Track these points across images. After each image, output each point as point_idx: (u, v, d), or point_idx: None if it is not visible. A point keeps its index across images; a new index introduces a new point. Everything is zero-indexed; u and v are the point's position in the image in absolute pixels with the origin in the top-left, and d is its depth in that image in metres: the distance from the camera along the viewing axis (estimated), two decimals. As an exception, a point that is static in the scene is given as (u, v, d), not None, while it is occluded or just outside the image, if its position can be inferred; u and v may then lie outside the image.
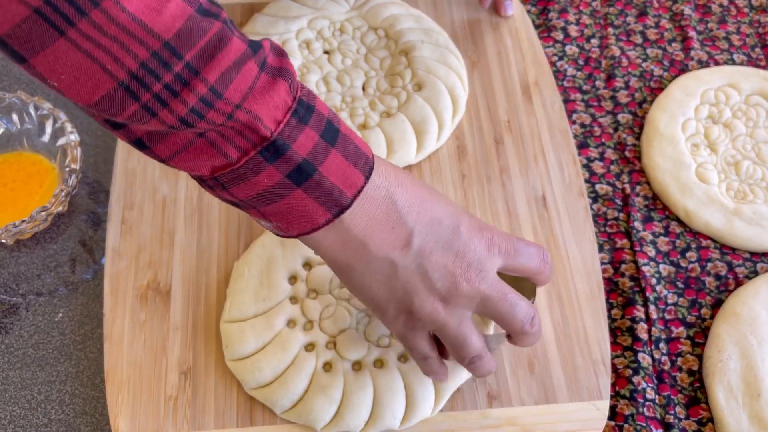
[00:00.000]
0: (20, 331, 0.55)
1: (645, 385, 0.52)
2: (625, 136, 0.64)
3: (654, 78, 0.68)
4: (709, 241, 0.59)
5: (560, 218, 0.58)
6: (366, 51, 0.65)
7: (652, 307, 0.55)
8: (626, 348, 0.54)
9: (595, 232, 0.59)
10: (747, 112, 0.65)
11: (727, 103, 0.65)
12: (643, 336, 0.54)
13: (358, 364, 0.50)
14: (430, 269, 0.41)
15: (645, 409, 0.51)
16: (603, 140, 0.64)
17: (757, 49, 0.70)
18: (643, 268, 0.57)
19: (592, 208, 0.60)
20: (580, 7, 0.72)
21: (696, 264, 0.58)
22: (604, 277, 0.57)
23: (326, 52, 0.65)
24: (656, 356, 0.54)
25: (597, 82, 0.67)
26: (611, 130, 0.65)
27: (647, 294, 0.56)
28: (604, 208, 0.61)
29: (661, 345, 0.54)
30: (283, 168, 0.37)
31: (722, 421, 0.51)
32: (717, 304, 0.56)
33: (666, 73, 0.68)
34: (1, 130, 0.60)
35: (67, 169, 0.57)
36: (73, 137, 0.58)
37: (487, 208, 0.58)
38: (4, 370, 0.53)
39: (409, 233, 0.41)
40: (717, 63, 0.69)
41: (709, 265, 0.58)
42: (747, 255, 0.58)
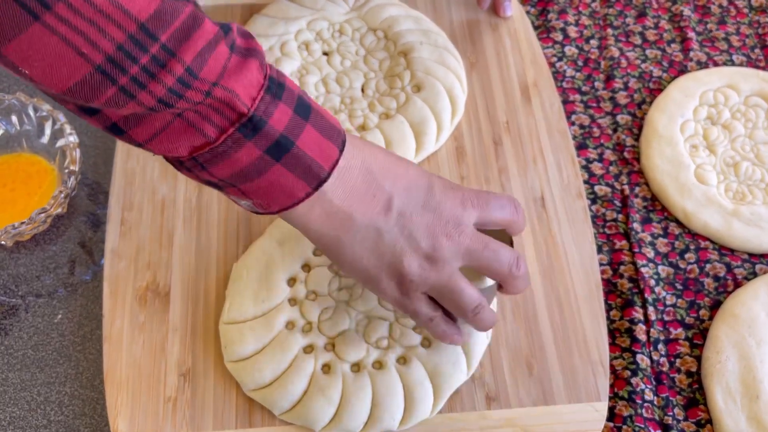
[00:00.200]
0: (20, 332, 0.55)
1: (643, 387, 0.52)
2: (624, 137, 0.64)
3: (653, 79, 0.68)
4: (707, 243, 0.59)
5: (559, 219, 0.58)
6: (365, 52, 0.65)
7: (650, 309, 0.55)
8: (625, 349, 0.54)
9: (594, 233, 0.59)
10: (746, 113, 0.65)
11: (726, 104, 0.65)
12: (642, 337, 0.54)
13: (356, 366, 0.50)
14: (413, 230, 0.42)
15: (643, 410, 0.51)
16: (602, 141, 0.64)
17: (756, 50, 0.70)
18: (642, 270, 0.57)
19: (591, 209, 0.60)
20: (580, 8, 0.72)
21: (695, 265, 0.58)
22: (602, 278, 0.57)
23: (325, 53, 0.65)
24: (655, 357, 0.54)
25: (596, 83, 0.68)
26: (610, 131, 0.65)
27: (646, 295, 0.56)
28: (603, 209, 0.61)
29: (660, 346, 0.54)
30: (262, 143, 0.38)
31: (721, 423, 0.51)
32: (716, 306, 0.56)
33: (665, 74, 0.68)
34: (1, 132, 0.60)
35: (66, 171, 0.57)
36: (72, 138, 0.58)
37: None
38: (4, 372, 0.53)
39: (389, 198, 0.42)
40: (716, 64, 0.69)
41: (707, 266, 0.58)
42: (746, 256, 0.59)
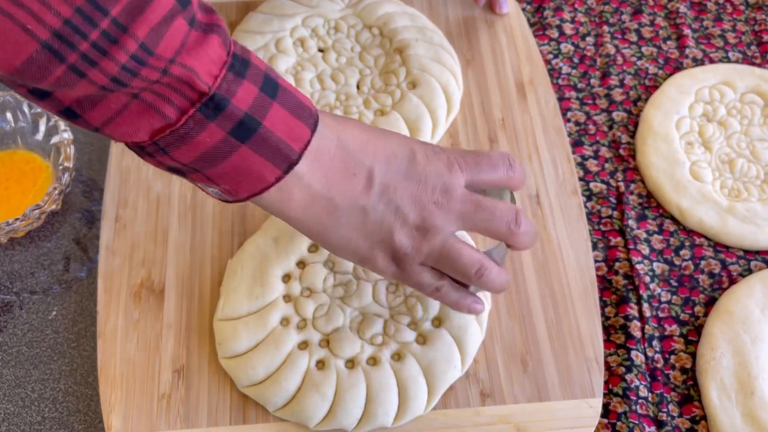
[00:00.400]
0: (14, 329, 0.55)
1: (638, 383, 0.52)
2: (619, 134, 0.64)
3: (649, 76, 0.68)
4: (702, 239, 0.59)
5: (554, 216, 0.58)
6: (360, 49, 0.65)
7: (645, 305, 0.55)
8: (619, 346, 0.54)
9: (589, 230, 0.59)
10: (742, 110, 0.65)
11: (721, 101, 0.65)
12: (637, 334, 0.54)
13: (351, 362, 0.50)
14: (399, 203, 0.41)
15: (638, 406, 0.51)
16: (597, 138, 0.64)
17: (752, 47, 0.70)
18: (637, 266, 0.57)
19: (586, 206, 0.60)
20: (575, 5, 0.72)
21: (690, 262, 0.58)
22: (597, 275, 0.57)
23: (321, 50, 0.65)
24: (649, 354, 0.54)
25: (592, 80, 0.67)
26: (606, 128, 0.65)
27: (641, 292, 0.56)
28: (598, 206, 0.61)
29: (655, 343, 0.54)
30: (225, 124, 0.36)
31: (715, 419, 0.51)
32: (710, 302, 0.56)
33: (661, 71, 0.68)
34: (-5, 129, 0.60)
35: (60, 168, 0.57)
36: (66, 135, 0.58)
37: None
38: (-2, 368, 0.53)
39: (369, 174, 0.41)
40: (712, 61, 0.69)
41: (702, 263, 0.58)
42: (741, 253, 0.58)
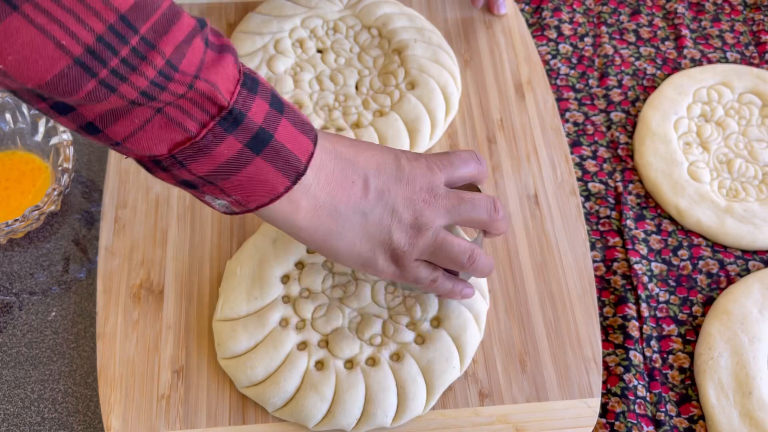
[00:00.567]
0: (13, 330, 0.55)
1: (636, 383, 0.52)
2: (617, 134, 0.64)
3: (647, 76, 0.68)
4: (700, 239, 0.59)
5: (552, 216, 0.58)
6: (359, 50, 0.65)
7: (643, 305, 0.55)
8: (618, 346, 0.54)
9: (588, 231, 0.59)
10: (740, 111, 0.65)
11: (719, 102, 0.65)
12: (635, 334, 0.54)
13: (350, 363, 0.51)
14: (394, 204, 0.44)
15: (636, 406, 0.51)
16: (596, 138, 0.64)
17: (750, 48, 0.70)
18: (635, 266, 0.57)
19: (584, 207, 0.61)
20: (574, 6, 0.72)
21: (688, 262, 0.58)
22: (596, 275, 0.57)
23: (319, 50, 0.65)
24: (647, 354, 0.54)
25: (590, 81, 0.68)
26: (604, 129, 0.65)
27: (639, 292, 0.56)
28: (597, 207, 0.61)
29: (653, 343, 0.54)
30: (242, 137, 0.38)
31: (713, 419, 0.51)
32: (708, 302, 0.56)
33: (659, 72, 0.68)
34: (-5, 130, 0.60)
35: (60, 168, 0.57)
36: (65, 136, 0.58)
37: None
38: (-2, 369, 0.53)
39: (365, 180, 0.43)
40: (710, 61, 0.69)
41: (700, 263, 0.58)
42: (738, 253, 0.59)
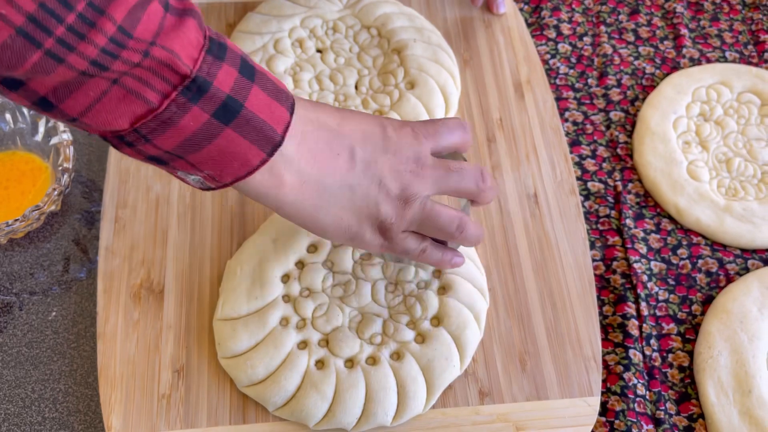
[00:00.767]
0: (14, 329, 0.55)
1: (636, 382, 0.52)
2: (617, 133, 0.64)
3: (646, 76, 0.68)
4: (700, 238, 0.59)
5: (552, 216, 0.58)
6: (359, 49, 0.66)
7: (643, 304, 0.55)
8: (617, 344, 0.54)
9: (587, 230, 0.59)
10: (738, 110, 0.65)
11: (718, 101, 0.65)
12: (634, 332, 0.54)
13: (350, 362, 0.51)
14: (380, 176, 0.43)
15: (636, 405, 0.51)
16: (595, 138, 0.64)
17: (749, 47, 0.70)
18: (635, 265, 0.57)
19: (584, 206, 0.61)
20: (573, 5, 0.72)
21: (687, 261, 0.58)
22: (595, 274, 0.57)
23: (319, 50, 0.65)
24: (647, 353, 0.54)
25: (589, 80, 0.68)
26: (603, 128, 0.65)
27: (638, 291, 0.56)
28: (596, 206, 0.61)
29: (652, 341, 0.54)
30: (208, 107, 0.36)
31: (713, 418, 0.51)
32: (708, 301, 0.56)
33: (658, 71, 0.68)
34: (-5, 130, 0.60)
35: (60, 168, 0.57)
36: (66, 136, 0.58)
37: (479, 206, 0.59)
38: (-2, 369, 0.53)
39: (351, 151, 0.42)
40: (709, 61, 0.69)
41: (700, 261, 0.58)
42: (738, 252, 0.59)
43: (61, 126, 0.59)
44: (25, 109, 0.60)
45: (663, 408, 0.52)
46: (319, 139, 0.41)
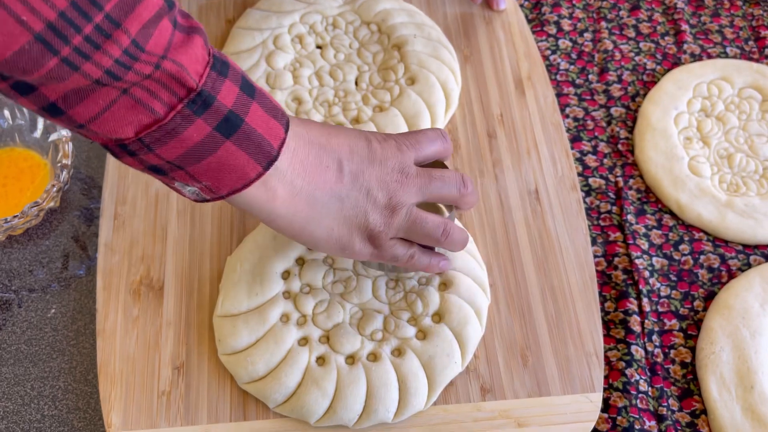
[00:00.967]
0: (13, 327, 0.55)
1: (638, 378, 0.52)
2: (618, 129, 0.64)
3: (647, 71, 0.68)
4: (701, 234, 0.59)
5: (553, 212, 0.58)
6: (359, 45, 0.65)
7: (645, 300, 0.55)
8: (619, 340, 0.54)
9: (588, 226, 0.59)
10: (740, 105, 0.65)
11: (719, 97, 0.65)
12: (636, 328, 0.54)
13: (351, 358, 0.50)
14: (368, 187, 0.44)
15: (638, 401, 0.51)
16: (596, 134, 0.64)
17: (750, 42, 0.70)
18: (636, 261, 0.57)
19: (585, 202, 0.60)
20: (573, 1, 0.72)
21: (689, 257, 0.58)
22: (597, 270, 0.57)
23: (319, 46, 0.65)
24: (649, 349, 0.54)
25: (590, 76, 0.68)
26: (604, 124, 0.65)
27: (640, 287, 0.56)
28: (597, 202, 0.61)
29: (654, 337, 0.54)
30: (211, 120, 0.37)
31: (715, 413, 0.51)
32: (710, 297, 0.56)
33: (659, 67, 0.68)
34: (-7, 126, 0.60)
35: (59, 165, 0.57)
36: (64, 132, 0.58)
37: (480, 202, 0.58)
38: (-3, 366, 0.53)
39: (339, 164, 0.44)
40: (710, 56, 0.69)
41: (701, 257, 0.58)
42: (740, 247, 0.59)
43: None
44: (23, 106, 0.60)
45: (665, 404, 0.52)
46: (309, 154, 0.43)
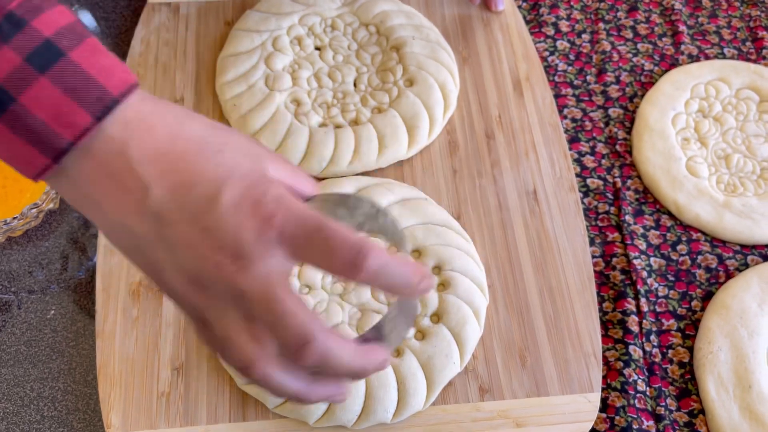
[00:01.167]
0: (12, 328, 0.55)
1: (636, 377, 0.52)
2: (616, 130, 0.64)
3: (644, 72, 0.68)
4: (699, 234, 0.59)
5: (551, 212, 0.58)
6: (357, 47, 0.66)
7: (643, 300, 0.55)
8: (617, 340, 0.54)
9: (587, 226, 0.59)
10: (737, 106, 0.65)
11: (717, 97, 0.65)
12: (634, 328, 0.54)
13: (350, 359, 0.50)
14: (174, 242, 0.32)
15: (636, 401, 0.51)
16: (594, 134, 0.64)
17: (747, 43, 0.70)
18: (634, 261, 0.57)
19: (583, 202, 0.61)
20: (571, 3, 0.72)
21: (686, 257, 0.58)
22: (595, 271, 0.57)
23: (317, 48, 0.65)
24: (647, 348, 0.54)
25: (588, 77, 0.68)
26: (602, 125, 0.65)
27: (638, 287, 0.56)
28: (596, 202, 0.61)
29: (652, 337, 0.54)
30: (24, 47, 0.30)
31: (713, 413, 0.51)
32: (707, 297, 0.56)
33: (656, 68, 0.68)
34: (-7, 128, 0.60)
35: (58, 167, 0.57)
36: (64, 134, 0.58)
37: (479, 203, 0.59)
38: (-3, 368, 0.53)
39: (143, 194, 0.32)
40: (707, 57, 0.69)
41: (699, 257, 0.58)
42: (737, 247, 0.59)
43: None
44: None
45: (663, 404, 0.52)
46: (116, 158, 0.33)
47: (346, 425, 0.49)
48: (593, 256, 0.58)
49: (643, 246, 0.58)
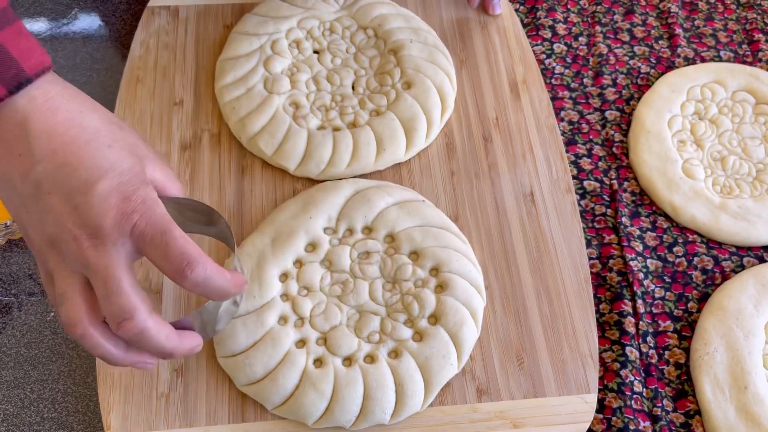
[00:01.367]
0: (12, 330, 0.55)
1: (633, 378, 0.52)
2: (612, 132, 0.65)
3: (641, 75, 0.68)
4: (695, 236, 0.60)
5: (548, 214, 0.59)
6: (355, 50, 0.66)
7: (639, 302, 0.56)
8: (614, 342, 0.54)
9: (583, 228, 0.59)
10: (733, 108, 0.65)
11: (713, 100, 0.66)
12: (631, 330, 0.54)
13: (348, 360, 0.51)
14: (45, 209, 0.37)
15: (633, 402, 0.52)
16: (591, 137, 0.65)
17: (743, 46, 0.70)
18: (631, 263, 0.57)
19: (580, 204, 0.61)
20: (568, 6, 0.73)
21: (683, 258, 0.58)
22: (592, 272, 0.57)
23: (316, 51, 0.66)
24: (644, 350, 0.54)
25: (585, 80, 0.68)
26: (599, 127, 0.65)
27: (635, 288, 0.56)
28: (592, 204, 0.61)
29: (649, 338, 0.55)
30: None
31: (709, 414, 0.51)
32: (704, 298, 0.57)
33: (653, 71, 0.69)
34: (-7, 131, 0.60)
35: (58, 169, 0.58)
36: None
37: (476, 205, 0.59)
38: (-3, 369, 0.54)
39: (31, 163, 0.37)
40: (703, 60, 0.69)
41: (695, 259, 0.58)
42: (733, 249, 0.59)
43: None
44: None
45: (660, 405, 0.52)
46: (12, 131, 0.38)
47: (344, 426, 0.49)
48: (590, 258, 0.58)
49: (639, 248, 0.59)
